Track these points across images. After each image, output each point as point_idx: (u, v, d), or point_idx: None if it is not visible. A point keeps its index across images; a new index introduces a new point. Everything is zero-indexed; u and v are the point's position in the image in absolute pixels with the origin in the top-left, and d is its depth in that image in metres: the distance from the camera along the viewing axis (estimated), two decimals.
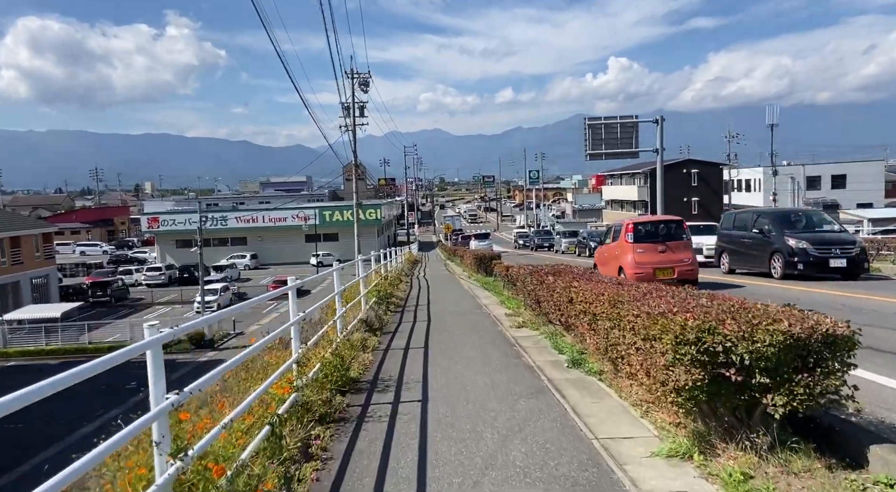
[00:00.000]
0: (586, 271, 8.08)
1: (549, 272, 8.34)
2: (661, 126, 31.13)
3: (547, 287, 7.71)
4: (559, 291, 6.99)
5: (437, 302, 13.66)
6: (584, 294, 5.97)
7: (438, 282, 20.67)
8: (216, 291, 42.11)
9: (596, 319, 5.53)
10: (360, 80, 37.94)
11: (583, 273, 7.77)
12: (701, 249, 19.31)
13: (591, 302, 5.68)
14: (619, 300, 4.84)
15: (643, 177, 63.50)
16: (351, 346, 7.59)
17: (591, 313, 5.68)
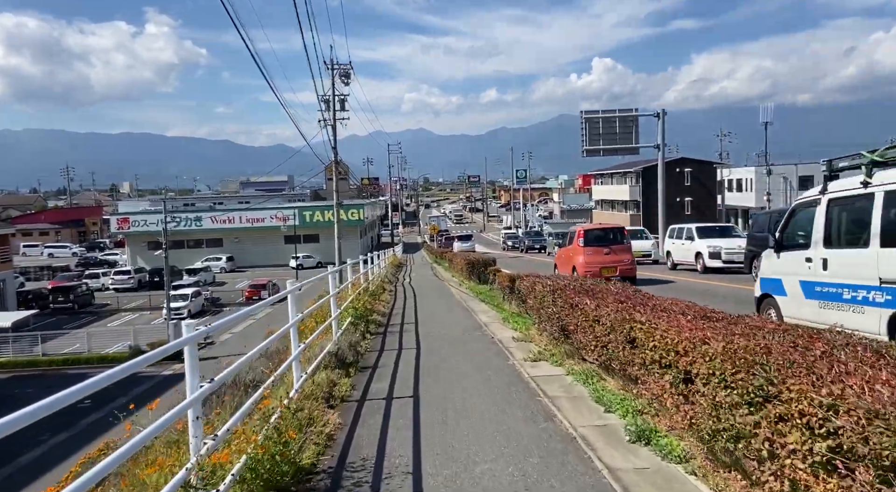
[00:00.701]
0: (635, 293, 5.96)
1: (581, 291, 6.21)
2: (663, 120, 29.27)
3: (583, 314, 5.57)
4: (607, 323, 4.85)
5: (428, 319, 11.47)
6: (662, 337, 3.84)
7: (427, 291, 18.47)
8: (186, 297, 39.49)
9: (691, 380, 3.42)
10: (340, 71, 35.64)
11: (631, 295, 5.65)
12: (719, 252, 17.36)
13: (680, 352, 3.56)
14: (757, 362, 2.73)
15: (635, 176, 61.88)
16: (311, 396, 5.40)
17: (679, 369, 3.56)
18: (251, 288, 43.99)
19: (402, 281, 23.85)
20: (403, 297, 16.40)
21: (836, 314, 6.42)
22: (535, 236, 49.31)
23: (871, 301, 6.12)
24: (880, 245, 5.98)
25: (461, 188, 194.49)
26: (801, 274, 7.33)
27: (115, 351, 29.80)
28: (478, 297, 15.12)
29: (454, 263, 23.77)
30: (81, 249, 79.57)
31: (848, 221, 6.79)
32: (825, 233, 6.96)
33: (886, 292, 5.90)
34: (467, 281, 19.31)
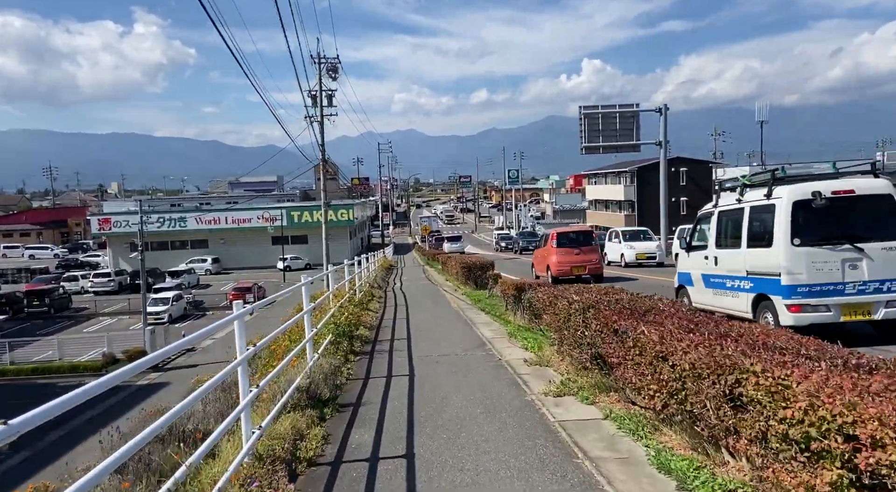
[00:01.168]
0: (696, 315, 4.53)
1: (626, 311, 4.78)
2: (665, 116, 27.98)
3: (637, 347, 4.11)
4: (684, 366, 3.40)
5: (422, 334, 10.00)
6: (813, 403, 2.39)
7: (420, 297, 16.99)
8: (167, 301, 37.73)
9: None
10: (327, 65, 34.11)
11: (700, 319, 4.22)
12: None
13: (852, 420, 2.12)
14: None
15: (629, 176, 60.70)
16: (266, 459, 3.93)
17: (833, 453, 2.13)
18: (235, 291, 42.27)
19: (392, 285, 22.37)
20: (394, 305, 14.93)
21: (723, 299, 8.62)
22: (529, 237, 47.90)
23: (742, 288, 8.18)
24: (747, 246, 8.12)
25: (452, 189, 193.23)
26: (702, 269, 9.32)
27: (88, 359, 28.08)
28: (476, 305, 13.68)
29: (448, 267, 22.30)
30: (63, 251, 77.35)
31: (730, 227, 8.68)
32: (716, 237, 8.99)
33: (751, 281, 7.98)
34: (463, 286, 17.85)
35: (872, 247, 7.30)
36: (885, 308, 7.27)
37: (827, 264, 7.28)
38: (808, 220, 7.42)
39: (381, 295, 17.10)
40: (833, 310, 7.29)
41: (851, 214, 7.54)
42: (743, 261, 8.17)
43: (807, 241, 7.36)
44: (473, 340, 9.08)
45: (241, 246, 60.40)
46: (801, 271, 7.30)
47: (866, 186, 7.68)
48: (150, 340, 27.72)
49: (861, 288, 7.27)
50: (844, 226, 7.47)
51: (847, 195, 7.45)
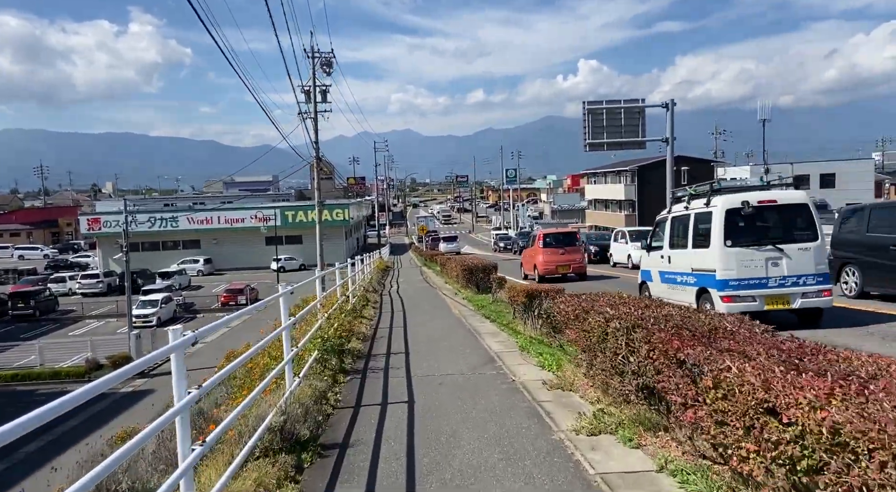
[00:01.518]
0: (792, 340, 3.47)
1: (692, 337, 3.69)
2: (672, 112, 26.96)
3: (722, 390, 3.02)
4: (811, 427, 2.33)
5: (422, 347, 8.91)
6: None
7: (418, 302, 15.90)
8: (156, 303, 36.53)
9: None
10: (321, 60, 33.00)
11: (803, 349, 3.16)
12: None
13: None
14: None
15: (630, 175, 59.73)
16: None
17: None
18: (227, 293, 41.13)
19: (389, 289, 21.27)
20: (391, 310, 13.83)
21: (675, 293, 9.77)
22: (528, 237, 46.81)
23: (689, 283, 9.44)
24: (692, 247, 9.38)
25: (449, 189, 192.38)
26: (659, 267, 10.62)
27: (70, 365, 26.89)
28: (479, 311, 12.59)
29: (448, 268, 21.20)
30: (54, 251, 75.94)
31: (679, 231, 9.91)
32: (669, 239, 10.25)
33: (695, 276, 9.21)
34: (464, 290, 16.77)
35: (790, 248, 8.63)
36: (801, 299, 8.63)
37: (753, 262, 8.58)
38: (738, 225, 8.71)
39: (377, 300, 16.00)
40: (758, 300, 8.58)
41: (774, 219, 8.90)
42: (689, 259, 9.56)
43: (737, 242, 8.65)
44: (480, 355, 7.99)
45: (234, 246, 59.22)
46: (732, 268, 8.59)
47: (787, 196, 9.10)
48: (135, 346, 26.56)
49: (781, 282, 8.58)
50: (768, 230, 8.81)
51: (770, 204, 8.80)
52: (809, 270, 8.61)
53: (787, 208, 8.93)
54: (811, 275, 8.63)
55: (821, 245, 8.80)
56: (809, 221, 8.80)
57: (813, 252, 8.67)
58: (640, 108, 27.38)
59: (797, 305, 8.64)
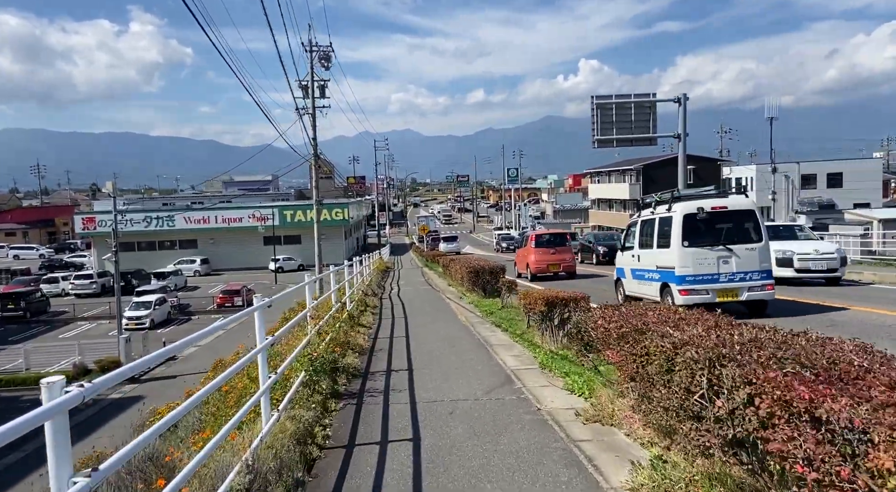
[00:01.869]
0: None
1: (816, 377, 2.63)
2: (685, 107, 25.89)
3: None
4: None
5: (426, 361, 7.83)
6: None
7: (420, 306, 14.82)
8: (150, 305, 35.45)
9: None
10: (320, 54, 31.94)
11: None
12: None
13: None
14: None
15: (635, 174, 58.62)
16: None
17: None
18: (223, 294, 40.05)
19: (389, 291, 20.19)
20: (391, 317, 12.75)
21: (643, 288, 11.17)
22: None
23: (654, 279, 10.77)
24: (656, 247, 10.71)
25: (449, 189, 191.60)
26: (631, 265, 11.80)
27: (57, 369, 25.80)
28: (489, 318, 11.51)
29: (452, 270, 20.11)
30: (49, 251, 74.88)
31: (647, 233, 11.14)
32: (639, 240, 11.52)
33: (658, 273, 10.58)
34: (469, 293, 15.68)
35: (739, 248, 9.73)
36: (748, 292, 9.76)
37: (707, 260, 9.70)
38: (694, 228, 9.84)
39: (377, 304, 14.91)
40: (711, 293, 9.67)
41: (725, 223, 9.94)
42: (654, 258, 10.71)
43: (693, 243, 9.78)
44: (495, 373, 6.91)
45: (232, 246, 58.16)
46: (689, 266, 9.73)
47: (736, 202, 10.24)
48: (124, 350, 25.49)
49: (730, 277, 9.70)
50: (719, 232, 9.88)
51: (721, 210, 9.94)
52: (755, 267, 9.81)
53: (736, 214, 10.10)
54: (756, 271, 9.83)
55: (765, 246, 9.98)
56: (755, 225, 10.02)
57: (758, 252, 9.85)
58: (651, 102, 26.32)
59: (744, 298, 9.87)
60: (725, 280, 9.73)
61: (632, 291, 11.76)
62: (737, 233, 9.95)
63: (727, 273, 9.73)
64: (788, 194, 61.40)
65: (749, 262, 9.77)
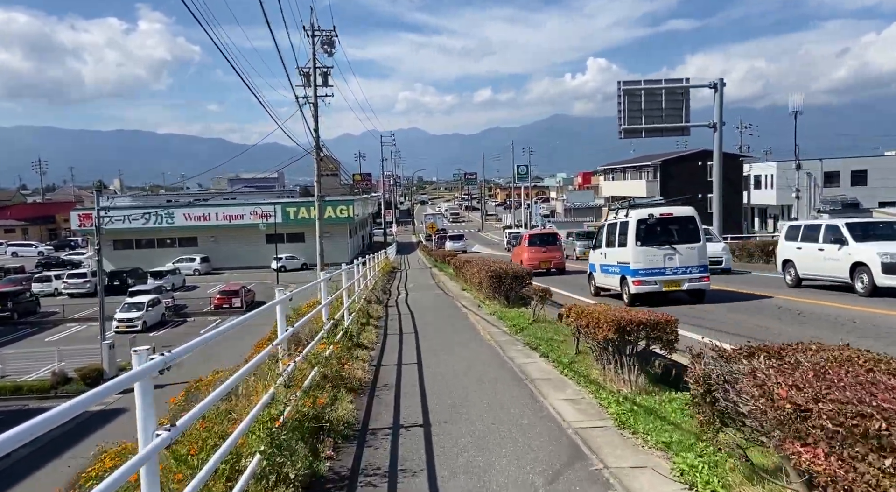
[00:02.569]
0: None
1: None
2: (721, 93, 23.59)
3: None
4: None
5: (448, 411, 5.55)
6: None
7: (432, 317, 12.58)
8: (142, 306, 33.39)
9: None
10: (322, 38, 29.79)
11: None
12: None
13: None
14: None
15: (652, 170, 56.13)
16: None
17: None
18: (221, 295, 37.98)
19: (396, 296, 17.99)
20: (398, 331, 10.55)
21: (609, 280, 13.40)
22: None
23: (615, 272, 12.89)
24: (617, 246, 12.77)
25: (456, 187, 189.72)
26: (600, 261, 14.05)
27: (36, 378, 23.79)
28: (518, 336, 9.29)
29: (467, 273, 17.90)
30: (49, 248, 73.23)
31: (611, 234, 13.37)
32: (606, 240, 13.72)
33: (619, 268, 12.65)
34: (489, 301, 13.45)
35: (681, 247, 11.94)
36: (688, 283, 11.98)
37: (655, 257, 11.89)
38: (645, 231, 12.05)
39: (381, 315, 12.70)
40: (658, 284, 11.96)
41: (670, 227, 12.19)
42: (616, 255, 12.77)
43: (644, 243, 11.99)
44: (552, 436, 4.68)
45: (234, 244, 56.18)
46: (641, 262, 11.94)
47: (679, 210, 12.64)
48: (108, 357, 23.43)
49: (674, 271, 11.92)
50: (666, 234, 12.10)
51: (667, 216, 12.35)
52: (694, 263, 11.79)
53: (680, 219, 12.19)
54: (695, 266, 11.81)
55: (702, 245, 12.01)
56: (695, 229, 12.00)
57: (697, 250, 11.89)
58: (684, 88, 24.02)
59: (685, 288, 11.93)
60: (670, 273, 11.84)
61: (601, 283, 14.15)
62: (680, 235, 12.04)
63: (672, 267, 11.83)
64: (811, 192, 58.77)
65: (690, 258, 11.89)
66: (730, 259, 18.72)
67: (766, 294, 12.85)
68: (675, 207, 12.98)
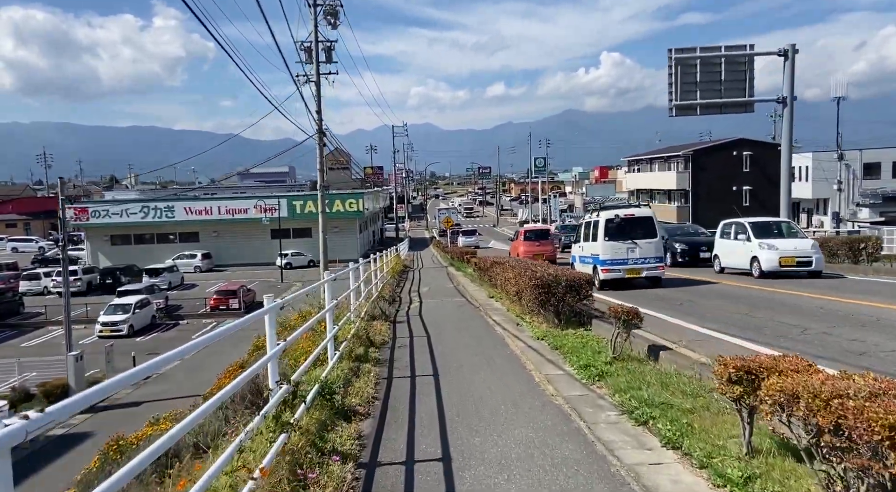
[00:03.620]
0: None
1: None
2: (793, 62, 19.85)
3: None
4: None
5: None
6: None
7: (457, 344, 9.04)
8: (128, 308, 30.31)
9: None
10: (326, 7, 26.42)
11: None
12: None
13: None
14: None
15: (684, 160, 52.17)
16: None
17: None
18: (218, 295, 34.84)
19: (406, 307, 14.57)
20: (408, 372, 7.10)
21: (585, 269, 15.37)
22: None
23: (590, 262, 15.45)
24: (591, 240, 15.47)
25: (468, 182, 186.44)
26: (579, 253, 16.98)
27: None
28: (597, 385, 5.84)
29: (496, 277, 14.38)
30: (50, 243, 70.77)
31: (587, 231, 16.18)
32: (583, 235, 16.57)
33: (591, 259, 15.31)
34: (533, 318, 9.98)
35: (641, 242, 14.54)
36: (647, 271, 14.59)
37: (620, 250, 14.57)
38: (612, 228, 14.75)
39: (385, 340, 9.26)
40: (622, 272, 14.63)
41: (632, 226, 14.80)
42: (590, 248, 15.71)
43: (611, 238, 14.65)
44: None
45: (237, 240, 53.16)
46: (608, 254, 14.65)
47: (640, 212, 15.38)
48: (74, 371, 20.30)
49: (635, 261, 14.56)
50: (629, 232, 14.70)
51: (630, 217, 14.99)
52: (651, 254, 14.67)
53: (640, 219, 14.99)
54: (652, 257, 14.68)
55: (658, 240, 14.92)
56: (652, 227, 14.85)
57: (654, 245, 14.72)
58: (747, 56, 20.31)
59: (644, 275, 14.75)
60: (632, 263, 14.59)
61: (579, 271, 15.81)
62: (640, 232, 14.63)
63: (633, 259, 14.58)
64: (849, 185, 54.47)
65: (648, 251, 14.59)
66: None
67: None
68: (637, 209, 15.83)
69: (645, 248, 14.40)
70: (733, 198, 49.28)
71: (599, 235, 14.66)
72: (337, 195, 54.89)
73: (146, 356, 26.47)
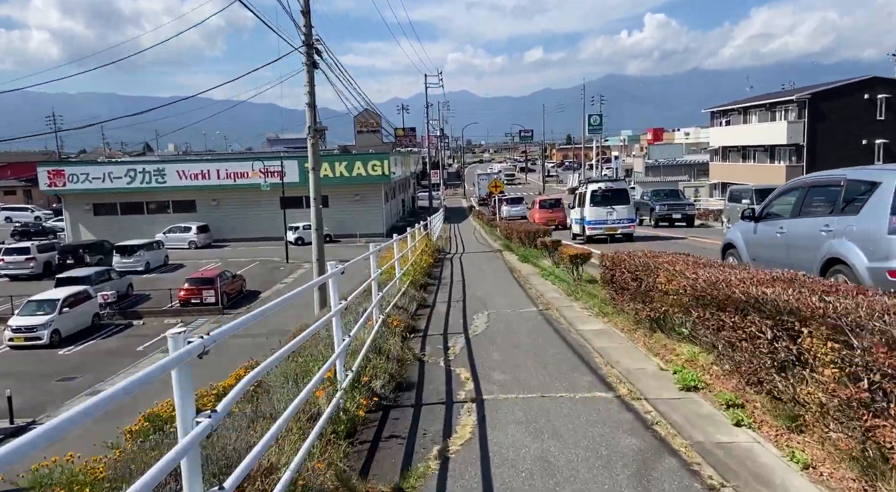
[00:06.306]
0: None
1: None
2: None
3: None
4: None
5: None
6: None
7: None
8: (53, 305, 21.61)
9: None
10: None
11: None
12: None
13: None
14: None
15: (797, 108, 40.65)
16: None
17: None
18: (189, 286, 25.98)
19: (447, 348, 5.04)
20: None
21: (577, 228, 23.08)
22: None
23: (580, 223, 22.66)
24: (581, 206, 22.50)
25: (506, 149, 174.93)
26: (575, 216, 23.58)
27: None
28: None
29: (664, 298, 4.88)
30: (48, 213, 63.83)
31: (580, 200, 22.63)
32: (578, 202, 23.10)
33: (582, 221, 22.31)
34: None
35: (618, 207, 20.94)
36: (621, 229, 20.92)
37: (601, 213, 20.91)
38: (597, 197, 21.09)
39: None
40: (602, 230, 20.97)
41: (612, 195, 21.12)
42: (581, 212, 21.80)
43: (595, 205, 21.00)
44: None
45: (240, 210, 44.40)
46: (593, 217, 21.00)
47: (617, 184, 22.83)
48: None
49: (613, 222, 20.88)
50: (609, 200, 20.96)
51: (611, 187, 21.81)
52: (625, 216, 20.91)
53: (618, 190, 21.55)
54: (626, 219, 20.97)
55: (630, 206, 21.48)
56: (626, 196, 21.45)
57: (627, 208, 21.05)
58: None
59: (619, 232, 20.75)
60: (610, 223, 20.86)
61: (575, 231, 23.24)
62: (617, 199, 21.03)
63: (611, 220, 20.86)
64: None
65: (622, 214, 20.96)
66: None
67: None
68: (615, 182, 23.47)
69: (620, 212, 20.98)
70: (862, 154, 38.01)
71: (587, 202, 21.32)
72: (357, 156, 45.62)
73: (54, 384, 17.85)
